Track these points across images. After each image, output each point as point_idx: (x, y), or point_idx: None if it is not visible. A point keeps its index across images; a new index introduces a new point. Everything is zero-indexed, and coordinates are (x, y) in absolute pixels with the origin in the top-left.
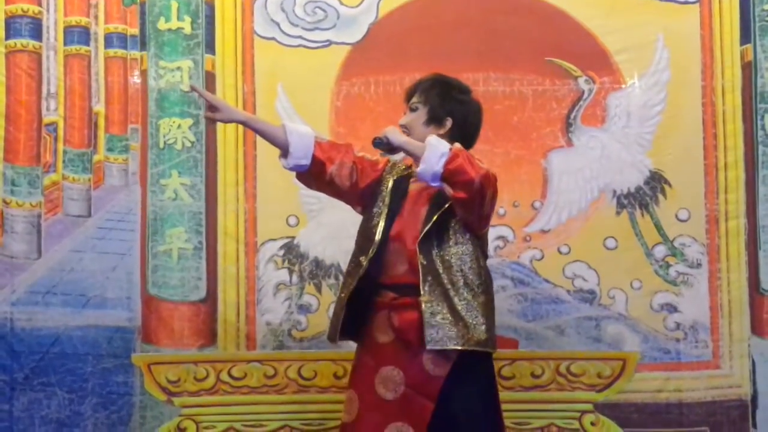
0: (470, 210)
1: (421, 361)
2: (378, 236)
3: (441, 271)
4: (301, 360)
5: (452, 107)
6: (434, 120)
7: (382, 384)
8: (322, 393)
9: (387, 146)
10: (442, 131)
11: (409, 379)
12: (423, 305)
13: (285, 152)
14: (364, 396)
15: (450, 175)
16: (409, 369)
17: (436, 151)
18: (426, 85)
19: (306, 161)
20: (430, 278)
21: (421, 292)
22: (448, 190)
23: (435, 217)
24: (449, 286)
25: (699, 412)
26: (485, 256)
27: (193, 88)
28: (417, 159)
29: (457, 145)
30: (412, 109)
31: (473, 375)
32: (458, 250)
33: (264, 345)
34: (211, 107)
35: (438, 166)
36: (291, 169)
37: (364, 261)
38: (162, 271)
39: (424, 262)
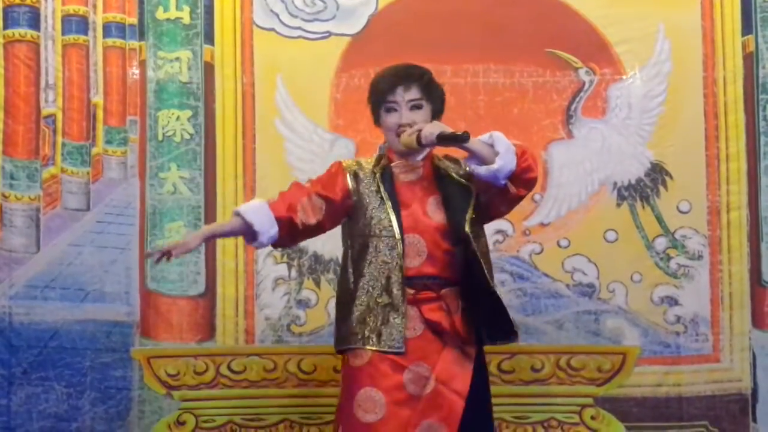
0: (514, 205)
1: (449, 356)
2: (397, 230)
3: (477, 262)
4: (301, 354)
5: (443, 100)
6: (436, 115)
7: (413, 381)
8: (322, 387)
9: (457, 142)
10: None
11: (439, 375)
12: (491, 296)
13: (251, 234)
14: (392, 394)
15: (521, 172)
16: (437, 365)
17: (509, 148)
18: (425, 81)
19: (274, 229)
20: (473, 272)
21: (488, 282)
22: (512, 189)
23: (473, 205)
24: (482, 279)
25: (699, 406)
26: None
27: (148, 255)
28: (480, 156)
29: (516, 142)
30: (417, 107)
31: (481, 367)
32: (481, 242)
33: (263, 340)
34: (167, 253)
35: (513, 164)
36: (267, 244)
37: (391, 259)
38: (161, 266)
39: (472, 256)
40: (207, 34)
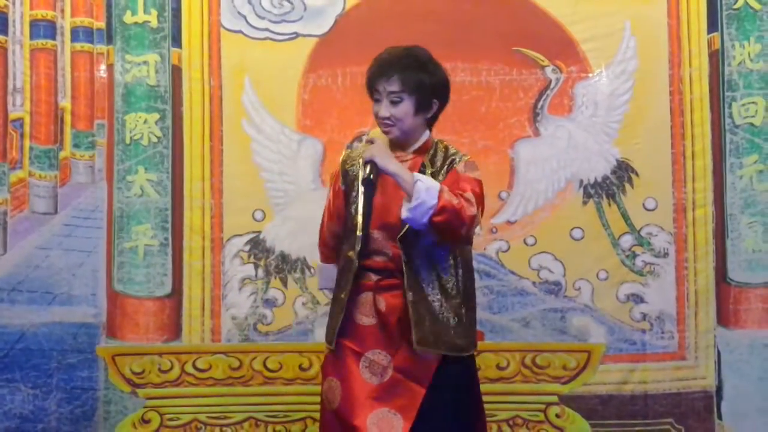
0: (451, 245)
1: (410, 345)
2: (359, 229)
3: (419, 266)
4: (267, 351)
5: (436, 87)
6: (423, 108)
7: (369, 368)
8: (288, 385)
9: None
10: (429, 114)
11: (398, 362)
12: (408, 304)
13: None
14: (347, 381)
15: (436, 227)
16: (398, 352)
17: (423, 205)
18: (406, 72)
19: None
20: (411, 274)
21: (405, 288)
22: (433, 234)
23: None
24: (425, 284)
25: (664, 404)
26: (468, 248)
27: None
28: (405, 191)
29: (445, 190)
30: (395, 101)
31: (462, 365)
32: (435, 249)
33: (229, 339)
34: None
35: (425, 219)
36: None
37: (353, 256)
38: (128, 268)
39: (405, 259)
40: (174, 37)
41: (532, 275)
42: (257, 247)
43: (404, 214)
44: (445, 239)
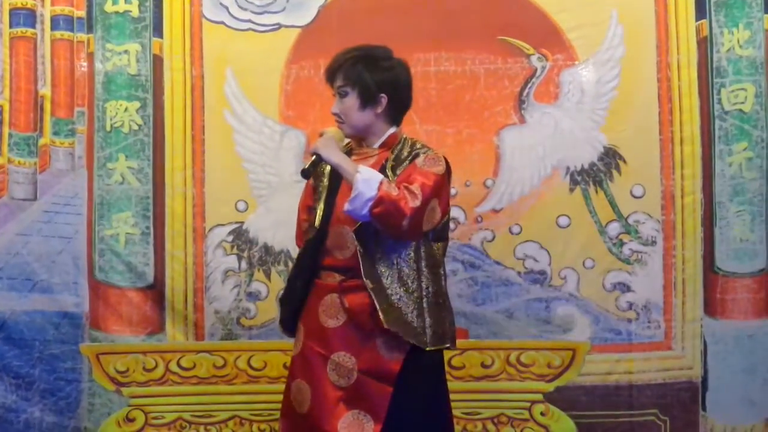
0: (400, 239)
1: (375, 345)
2: (318, 221)
3: (378, 259)
4: (251, 350)
5: (382, 81)
6: (368, 102)
7: (335, 371)
8: (272, 383)
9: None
10: (379, 110)
11: (362, 364)
12: (369, 291)
13: None
14: (316, 385)
15: (375, 219)
16: (361, 354)
17: (361, 196)
18: (348, 65)
19: None
20: (367, 264)
21: (363, 277)
22: (376, 226)
23: None
24: (383, 278)
25: (649, 395)
26: (438, 244)
27: None
28: (348, 183)
29: (385, 182)
30: (341, 95)
31: (427, 363)
32: (395, 243)
33: (212, 333)
34: None
35: (364, 211)
36: None
37: (313, 251)
38: (109, 256)
39: (362, 250)
40: (156, 26)
41: (518, 265)
42: (240, 238)
43: (345, 206)
44: (388, 232)
